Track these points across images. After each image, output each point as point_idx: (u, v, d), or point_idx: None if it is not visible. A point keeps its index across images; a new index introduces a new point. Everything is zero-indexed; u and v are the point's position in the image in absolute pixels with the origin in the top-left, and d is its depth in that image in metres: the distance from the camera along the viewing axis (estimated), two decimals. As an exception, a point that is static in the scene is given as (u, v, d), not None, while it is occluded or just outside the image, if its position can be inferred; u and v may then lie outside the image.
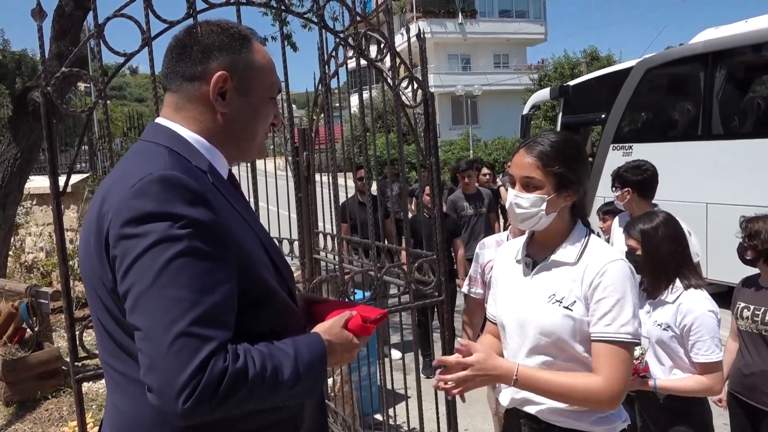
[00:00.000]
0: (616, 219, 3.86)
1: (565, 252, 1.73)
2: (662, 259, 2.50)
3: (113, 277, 1.12)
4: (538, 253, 1.79)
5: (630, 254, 2.54)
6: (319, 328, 1.30)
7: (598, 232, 5.16)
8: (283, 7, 2.32)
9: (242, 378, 1.06)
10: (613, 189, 3.55)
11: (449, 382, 1.67)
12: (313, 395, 1.28)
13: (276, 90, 1.35)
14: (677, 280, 2.49)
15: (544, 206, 1.68)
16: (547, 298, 1.71)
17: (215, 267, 1.10)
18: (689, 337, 2.40)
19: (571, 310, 1.67)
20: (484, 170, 7.76)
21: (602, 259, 1.68)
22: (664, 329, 2.44)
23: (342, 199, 3.89)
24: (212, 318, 1.07)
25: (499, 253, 2.00)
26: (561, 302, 1.68)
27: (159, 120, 1.31)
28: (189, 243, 1.07)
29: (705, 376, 2.40)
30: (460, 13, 33.24)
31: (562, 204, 1.71)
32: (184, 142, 1.25)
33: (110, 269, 1.13)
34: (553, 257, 1.74)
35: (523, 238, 1.87)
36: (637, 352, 2.31)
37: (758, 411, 2.67)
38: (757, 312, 2.69)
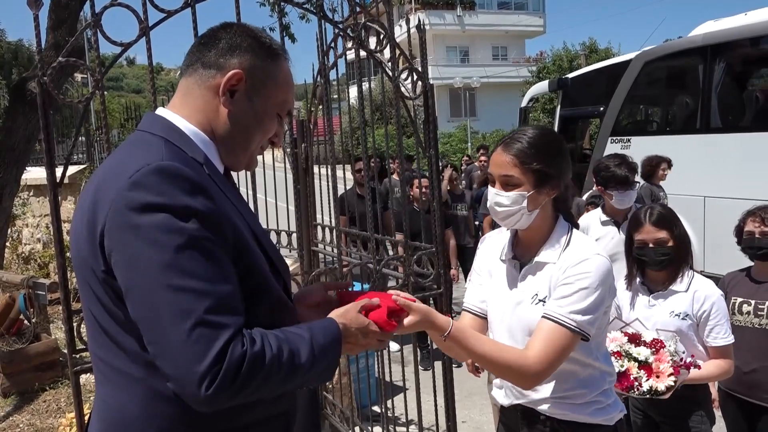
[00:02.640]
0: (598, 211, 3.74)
1: (549, 252, 1.71)
2: (687, 248, 2.50)
3: (106, 267, 1.11)
4: (523, 254, 1.77)
5: (656, 248, 2.46)
6: (334, 313, 1.30)
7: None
8: (282, -3, 2.30)
9: (260, 361, 1.08)
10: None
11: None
12: (327, 379, 1.29)
13: (285, 110, 1.35)
14: (686, 268, 2.49)
15: (525, 203, 1.66)
16: (530, 298, 1.70)
17: (219, 256, 1.10)
18: (708, 322, 2.40)
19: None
20: None
21: (583, 252, 1.66)
22: (683, 318, 2.41)
23: (340, 191, 3.88)
24: (225, 305, 1.08)
25: (483, 245, 1.95)
26: (543, 302, 1.68)
27: (158, 111, 1.30)
28: (192, 233, 1.07)
29: (722, 359, 2.40)
30: (458, 5, 33.12)
31: (543, 200, 1.69)
32: (181, 134, 1.24)
33: (103, 260, 1.11)
34: (537, 259, 1.72)
35: (508, 234, 1.84)
36: (672, 347, 2.29)
37: (756, 408, 2.63)
38: (760, 306, 2.64)
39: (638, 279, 2.57)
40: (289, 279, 1.38)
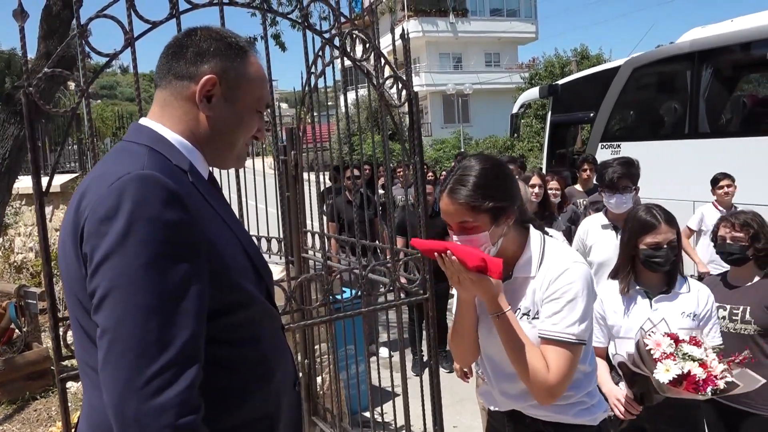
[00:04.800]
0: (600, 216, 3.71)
1: (525, 266, 1.74)
2: (681, 248, 2.50)
3: (87, 273, 1.13)
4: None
5: (668, 249, 2.42)
6: None
7: None
8: (266, 7, 2.33)
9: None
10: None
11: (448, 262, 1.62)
12: None
13: (263, 104, 1.37)
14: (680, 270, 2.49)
15: (487, 241, 1.68)
16: (514, 313, 1.72)
17: (188, 271, 1.10)
18: (708, 322, 2.42)
19: (538, 319, 1.69)
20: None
21: (562, 263, 1.69)
22: (693, 319, 2.40)
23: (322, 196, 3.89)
24: (187, 352, 1.07)
25: None
26: (528, 315, 1.71)
27: (142, 121, 1.32)
28: (161, 245, 1.08)
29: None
30: (451, 12, 33.28)
31: (503, 230, 1.70)
32: (165, 142, 1.26)
33: (84, 265, 1.13)
34: (514, 274, 1.75)
35: None
36: (707, 342, 2.24)
37: (736, 412, 2.64)
38: (735, 311, 2.67)
39: (635, 284, 2.52)
40: (272, 285, 1.40)
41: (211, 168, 1.38)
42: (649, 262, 2.46)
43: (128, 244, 1.06)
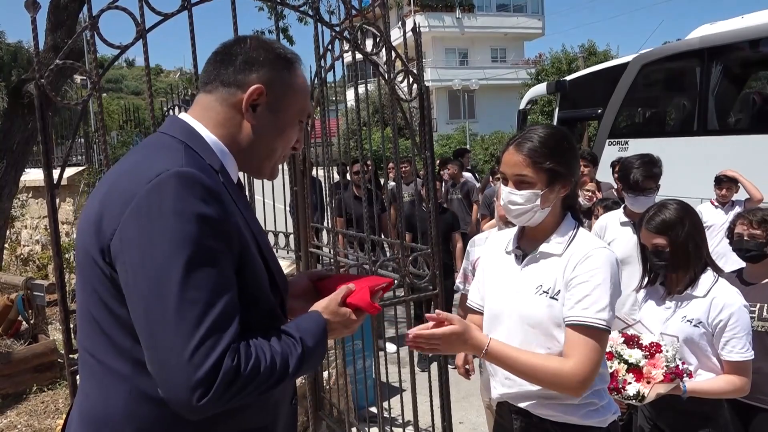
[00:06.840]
0: (613, 213, 3.71)
1: (553, 244, 1.75)
2: (691, 254, 2.34)
3: (111, 264, 1.13)
4: (528, 246, 1.81)
5: (654, 252, 2.38)
6: (318, 306, 1.33)
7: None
8: (278, 0, 2.32)
9: (253, 374, 1.12)
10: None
11: (421, 342, 1.63)
12: (310, 372, 1.33)
13: (305, 115, 1.38)
14: (708, 271, 2.36)
15: (538, 202, 1.70)
16: (534, 289, 1.72)
17: (225, 264, 1.13)
18: (723, 333, 2.25)
19: (557, 300, 1.68)
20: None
21: (588, 246, 1.70)
22: (695, 325, 2.28)
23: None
24: (224, 317, 1.10)
25: (487, 244, 2.01)
26: (547, 293, 1.70)
27: (181, 115, 1.33)
28: (203, 241, 1.10)
29: (736, 375, 2.26)
30: (457, 7, 33.18)
31: (555, 198, 1.73)
32: (200, 140, 1.27)
33: (109, 256, 1.13)
34: (541, 249, 1.76)
35: (514, 230, 1.88)
36: (669, 352, 2.19)
37: (749, 408, 2.60)
38: (752, 308, 2.61)
39: (659, 279, 2.48)
40: (287, 294, 1.39)
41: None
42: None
43: (170, 244, 1.08)
